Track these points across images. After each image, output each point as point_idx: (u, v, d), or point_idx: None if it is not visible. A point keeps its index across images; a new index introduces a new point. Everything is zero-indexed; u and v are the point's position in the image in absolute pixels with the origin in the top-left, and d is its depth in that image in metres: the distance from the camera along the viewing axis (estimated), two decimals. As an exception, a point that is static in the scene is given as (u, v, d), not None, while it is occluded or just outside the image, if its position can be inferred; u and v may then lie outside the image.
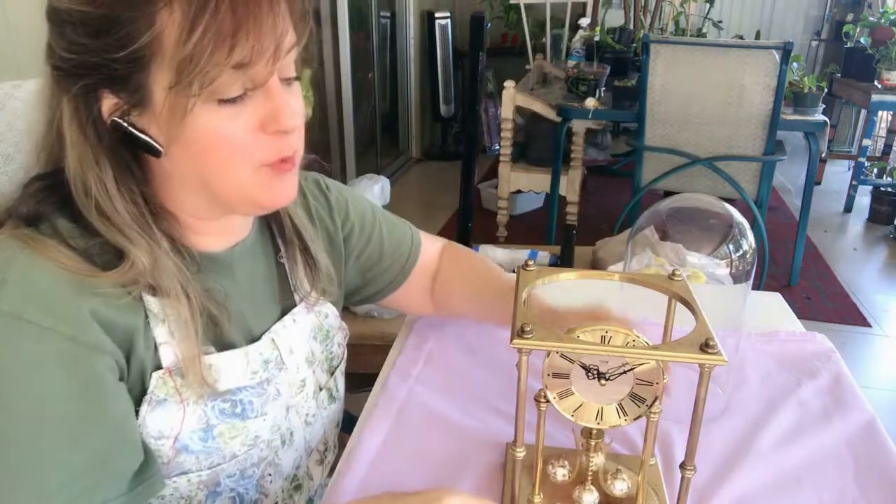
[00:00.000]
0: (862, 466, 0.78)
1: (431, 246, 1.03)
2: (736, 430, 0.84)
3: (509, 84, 3.30)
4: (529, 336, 0.58)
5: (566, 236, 2.13)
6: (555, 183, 3.27)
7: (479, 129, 4.56)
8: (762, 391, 0.92)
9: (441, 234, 3.95)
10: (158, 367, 0.66)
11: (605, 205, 4.21)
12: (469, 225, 2.12)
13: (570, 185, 3.37)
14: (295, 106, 0.64)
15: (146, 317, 0.65)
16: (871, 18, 4.14)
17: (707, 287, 0.86)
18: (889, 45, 3.79)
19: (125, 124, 0.61)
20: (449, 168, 4.89)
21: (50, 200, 0.63)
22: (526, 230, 3.75)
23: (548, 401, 0.63)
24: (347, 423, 0.93)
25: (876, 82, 3.91)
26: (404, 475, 0.77)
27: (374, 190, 3.24)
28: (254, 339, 0.75)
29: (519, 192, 3.59)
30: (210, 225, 0.71)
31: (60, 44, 0.60)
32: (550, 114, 3.18)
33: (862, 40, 4.06)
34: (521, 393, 0.61)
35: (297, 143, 0.67)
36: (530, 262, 0.70)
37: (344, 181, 3.63)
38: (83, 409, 0.59)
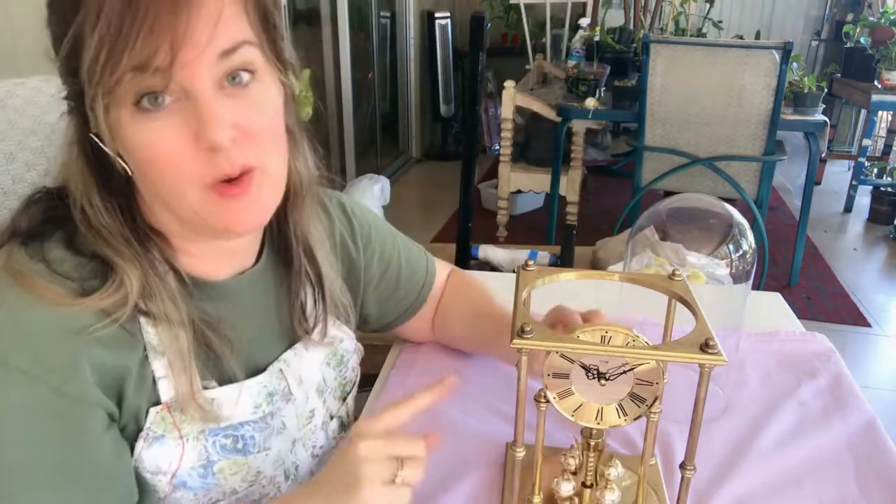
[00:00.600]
0: (862, 466, 0.78)
1: (441, 274, 0.99)
2: (736, 430, 0.84)
3: (509, 84, 3.30)
4: (529, 336, 0.58)
5: (566, 236, 2.13)
6: (555, 183, 3.27)
7: (479, 129, 4.56)
8: (762, 391, 0.92)
9: (441, 234, 3.91)
10: (157, 401, 0.63)
11: (605, 205, 4.21)
12: (469, 225, 2.11)
13: (570, 185, 3.37)
14: (237, 116, 0.57)
15: (144, 350, 0.62)
16: (871, 18, 4.14)
17: (707, 287, 0.86)
18: (889, 45, 3.79)
19: (97, 140, 0.59)
20: (449, 168, 4.89)
21: (49, 214, 0.62)
22: (526, 230, 3.75)
23: (548, 401, 0.63)
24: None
25: (876, 82, 3.91)
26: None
27: (374, 190, 3.25)
28: (257, 371, 0.72)
29: (519, 192, 3.60)
30: (201, 247, 0.67)
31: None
32: (550, 114, 3.18)
33: (862, 40, 4.06)
34: (520, 393, 0.61)
35: (246, 157, 0.59)
36: (530, 262, 0.69)
37: (344, 181, 3.63)
38: (66, 460, 0.57)
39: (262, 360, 0.73)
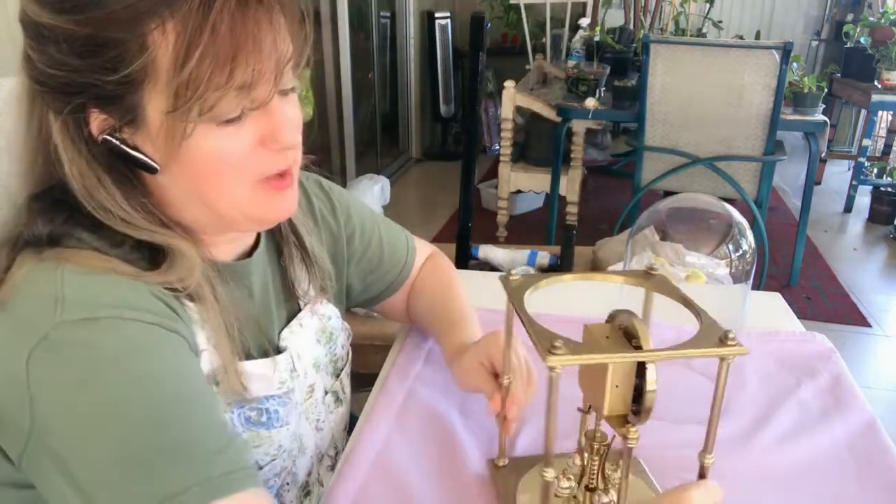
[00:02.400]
0: (862, 466, 0.78)
1: (421, 255, 1.03)
2: (736, 430, 0.84)
3: (509, 84, 3.30)
4: (559, 351, 0.54)
5: (566, 236, 2.13)
6: (555, 183, 3.27)
7: (479, 129, 4.56)
8: (762, 391, 0.92)
9: (441, 233, 3.90)
10: None
11: (605, 205, 4.21)
12: (469, 225, 2.11)
13: (570, 185, 3.37)
14: (294, 118, 0.63)
15: (190, 323, 0.63)
16: (871, 18, 4.14)
17: (707, 287, 0.86)
18: (889, 45, 3.79)
19: (117, 142, 0.59)
20: (449, 168, 4.89)
21: (62, 217, 0.60)
22: (526, 230, 3.75)
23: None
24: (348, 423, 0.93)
25: (876, 82, 3.91)
26: (404, 475, 0.77)
27: (374, 190, 3.24)
28: (269, 347, 0.75)
29: (519, 192, 3.59)
30: (215, 238, 0.70)
31: (42, 59, 0.57)
32: (550, 114, 3.18)
33: (862, 40, 4.06)
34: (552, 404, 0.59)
35: (295, 155, 0.65)
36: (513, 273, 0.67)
37: (344, 181, 3.63)
38: (200, 382, 0.59)
39: (272, 336, 0.76)
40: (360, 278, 0.94)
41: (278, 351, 0.76)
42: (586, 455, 0.67)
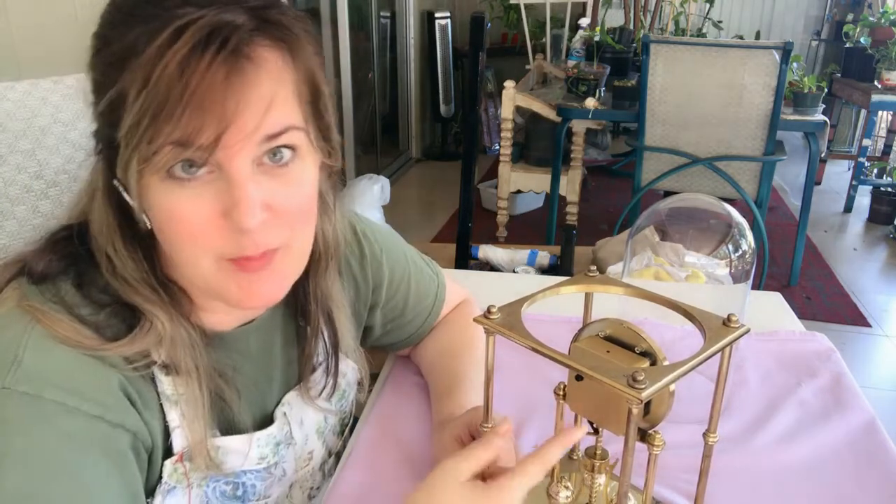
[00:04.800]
0: (862, 466, 0.78)
1: (449, 304, 0.95)
2: (736, 430, 0.84)
3: (509, 84, 3.30)
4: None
5: (566, 236, 2.13)
6: (555, 183, 3.27)
7: (479, 129, 4.56)
8: (762, 391, 0.92)
9: (441, 233, 3.88)
10: (170, 453, 0.62)
11: (605, 205, 4.21)
12: (469, 225, 2.12)
13: (570, 185, 3.37)
14: (272, 195, 0.56)
15: (159, 399, 0.61)
16: (871, 18, 4.14)
17: (707, 287, 0.86)
18: (889, 45, 3.79)
19: (122, 189, 0.57)
20: (449, 168, 4.89)
21: (66, 256, 0.60)
22: (526, 230, 3.75)
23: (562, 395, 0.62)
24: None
25: (876, 82, 3.91)
26: (404, 475, 0.77)
27: (374, 190, 3.24)
28: (265, 416, 0.72)
29: (519, 192, 3.60)
30: (216, 304, 0.65)
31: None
32: (550, 114, 3.18)
33: (862, 40, 4.06)
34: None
35: (273, 239, 0.57)
36: (492, 309, 0.61)
37: (344, 181, 3.63)
38: (115, 487, 0.55)
39: (267, 404, 0.73)
40: (381, 325, 0.88)
41: (271, 420, 0.72)
42: (586, 474, 0.66)
